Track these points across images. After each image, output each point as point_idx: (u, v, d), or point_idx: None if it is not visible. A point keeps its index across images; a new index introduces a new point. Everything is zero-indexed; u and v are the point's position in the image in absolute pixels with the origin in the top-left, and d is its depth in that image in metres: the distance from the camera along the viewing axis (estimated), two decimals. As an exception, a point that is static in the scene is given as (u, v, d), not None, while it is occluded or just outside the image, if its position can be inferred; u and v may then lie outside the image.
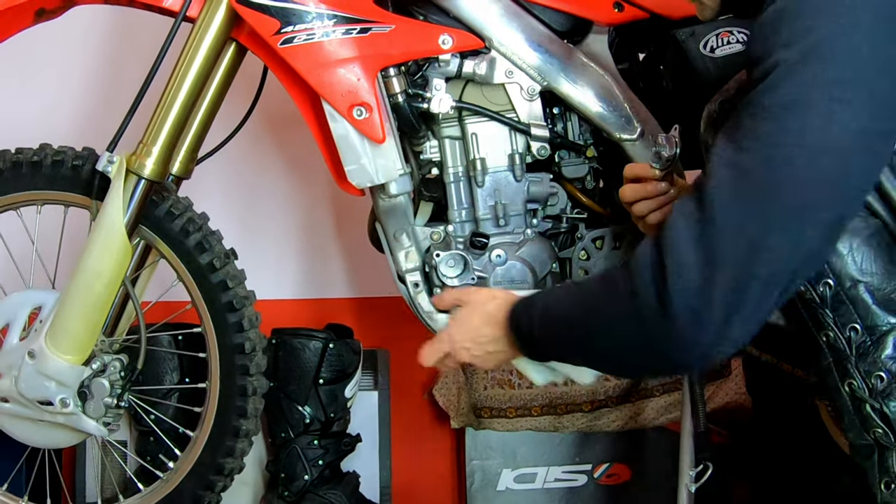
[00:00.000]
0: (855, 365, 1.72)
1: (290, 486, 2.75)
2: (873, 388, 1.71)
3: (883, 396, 1.70)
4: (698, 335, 1.55)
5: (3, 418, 2.37)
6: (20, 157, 2.38)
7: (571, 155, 2.35)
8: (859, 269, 1.71)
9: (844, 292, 1.72)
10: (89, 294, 2.27)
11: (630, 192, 2.06)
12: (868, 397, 1.71)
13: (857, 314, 1.72)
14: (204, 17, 2.26)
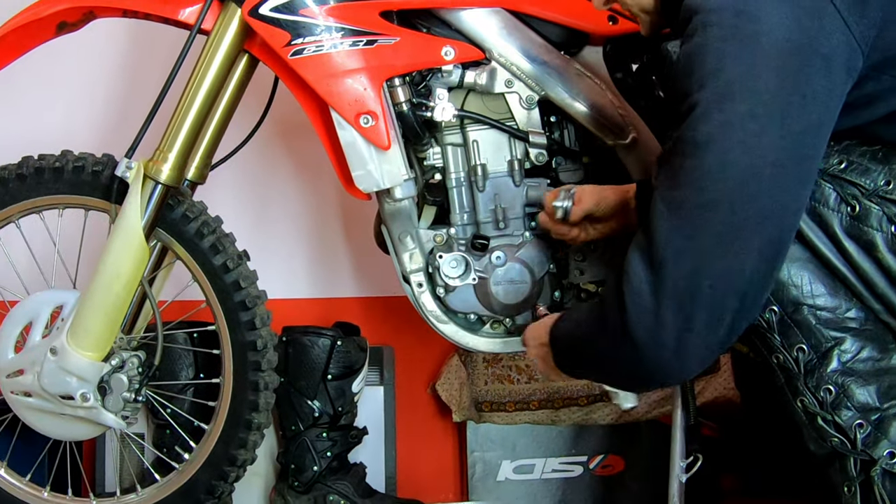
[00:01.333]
0: (804, 382, 1.78)
1: (300, 477, 2.75)
2: (823, 401, 1.75)
3: (833, 408, 1.74)
4: (658, 353, 1.63)
5: (27, 412, 2.37)
6: (43, 163, 2.38)
7: (568, 161, 2.34)
8: (801, 292, 1.76)
9: (789, 316, 1.77)
10: (109, 294, 2.28)
11: (542, 223, 2.21)
12: (820, 410, 1.76)
13: (802, 335, 1.76)
14: (218, 29, 2.26)
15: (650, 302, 1.61)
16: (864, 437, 1.72)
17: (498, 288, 2.31)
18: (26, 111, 3.20)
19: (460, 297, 2.35)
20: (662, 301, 1.60)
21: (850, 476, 1.74)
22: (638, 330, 1.63)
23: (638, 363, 1.67)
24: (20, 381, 2.35)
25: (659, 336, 1.62)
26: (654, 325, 1.61)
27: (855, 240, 1.72)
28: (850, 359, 1.74)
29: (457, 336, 2.39)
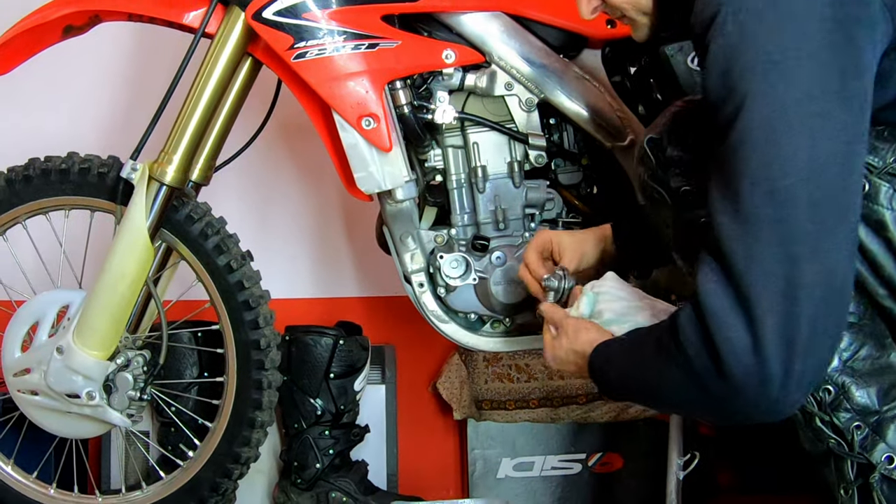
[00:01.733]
0: None
1: (303, 474, 2.75)
2: (822, 401, 1.68)
3: (832, 408, 1.68)
4: (764, 392, 1.45)
5: (33, 410, 2.38)
6: (49, 165, 2.38)
7: (567, 163, 2.35)
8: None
9: None
10: (114, 293, 2.28)
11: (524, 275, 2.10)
12: (817, 411, 1.69)
13: None
14: (222, 33, 2.27)
15: (744, 336, 1.43)
16: (862, 440, 1.66)
17: (498, 288, 2.31)
18: (33, 113, 3.20)
19: (461, 296, 2.35)
20: (760, 334, 1.42)
21: (846, 479, 1.69)
22: (737, 372, 1.44)
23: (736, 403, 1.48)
24: (27, 380, 2.35)
25: (764, 373, 1.43)
26: (756, 364, 1.43)
27: (864, 220, 1.59)
28: (850, 357, 1.67)
29: (457, 335, 2.40)
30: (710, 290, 1.47)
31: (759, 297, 1.43)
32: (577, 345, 1.83)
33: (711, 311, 1.46)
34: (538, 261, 2.07)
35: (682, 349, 1.51)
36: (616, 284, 1.93)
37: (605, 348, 1.77)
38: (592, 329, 1.83)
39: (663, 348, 1.56)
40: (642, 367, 1.63)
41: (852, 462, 1.68)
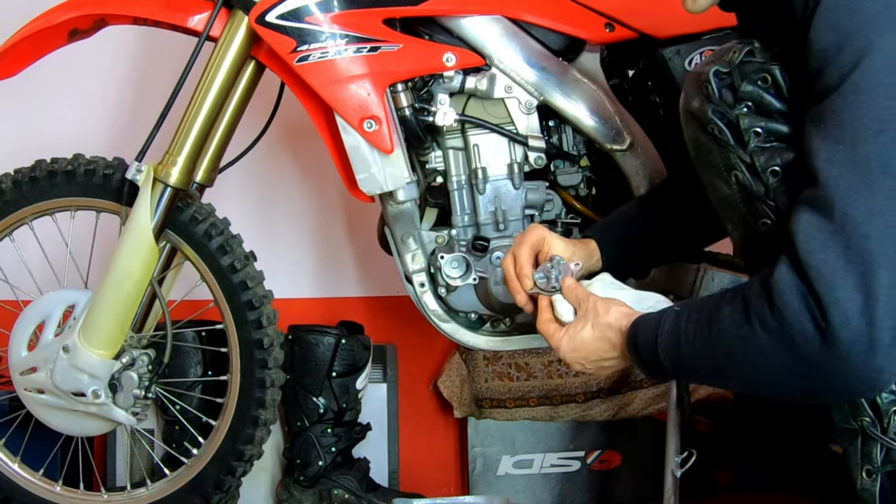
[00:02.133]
0: None
1: (306, 472, 2.75)
2: None
3: None
4: (867, 359, 1.36)
5: (40, 408, 2.38)
6: (55, 167, 2.38)
7: (566, 164, 2.35)
8: None
9: None
10: (119, 293, 2.28)
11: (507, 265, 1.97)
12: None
13: None
14: (225, 36, 2.27)
15: (856, 296, 1.35)
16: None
17: (498, 288, 2.31)
18: (39, 116, 3.20)
19: (461, 296, 2.35)
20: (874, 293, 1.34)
21: (873, 462, 1.61)
22: (844, 337, 1.36)
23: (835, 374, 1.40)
24: (33, 379, 2.35)
25: (872, 337, 1.35)
26: (866, 326, 1.35)
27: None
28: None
29: (458, 334, 2.40)
30: (816, 244, 1.39)
31: (877, 252, 1.35)
32: (609, 317, 1.74)
33: (818, 269, 1.38)
34: (530, 255, 1.95)
35: (778, 312, 1.42)
36: (614, 280, 1.91)
37: (650, 322, 1.67)
38: (624, 306, 1.76)
39: (752, 314, 1.46)
40: (714, 337, 1.53)
41: (882, 446, 1.61)
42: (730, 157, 1.65)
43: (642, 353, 1.67)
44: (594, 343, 1.76)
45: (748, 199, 1.62)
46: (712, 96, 1.65)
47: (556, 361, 2.95)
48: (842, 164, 1.39)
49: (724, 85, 1.64)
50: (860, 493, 1.65)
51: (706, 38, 2.31)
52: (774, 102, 1.60)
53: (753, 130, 1.61)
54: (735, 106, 1.63)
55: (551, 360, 2.96)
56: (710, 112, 1.65)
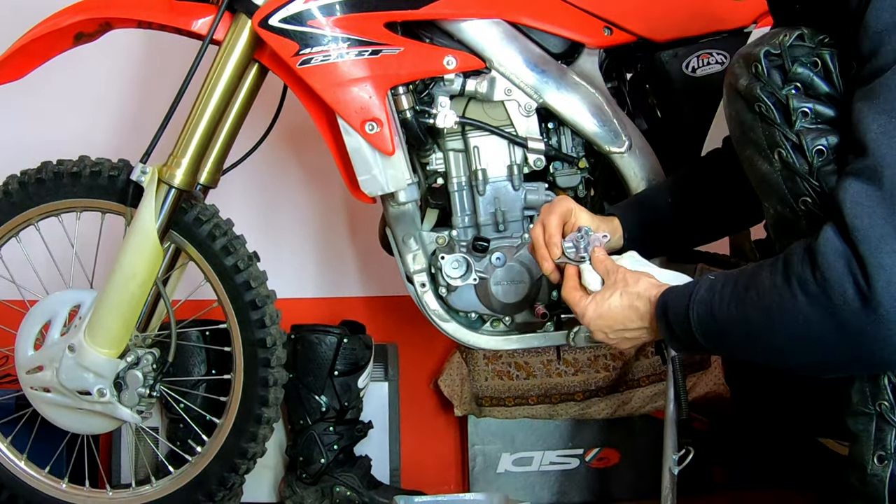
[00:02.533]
0: None
1: (308, 469, 2.75)
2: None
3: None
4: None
5: (46, 407, 2.38)
6: (61, 168, 2.38)
7: (565, 166, 2.35)
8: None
9: None
10: (124, 293, 2.28)
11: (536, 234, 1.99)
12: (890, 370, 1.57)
13: None
14: (229, 40, 2.27)
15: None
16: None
17: (498, 287, 2.31)
18: (45, 118, 3.20)
19: (462, 296, 2.35)
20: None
21: (887, 449, 1.59)
22: (887, 301, 1.36)
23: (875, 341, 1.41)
24: (39, 377, 2.35)
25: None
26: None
27: None
28: None
29: (458, 334, 2.39)
30: (863, 210, 1.40)
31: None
32: (638, 287, 1.76)
33: (864, 232, 1.39)
34: (559, 224, 1.96)
35: (820, 274, 1.43)
36: (641, 258, 1.91)
37: (681, 291, 1.69)
38: (653, 277, 1.78)
39: (792, 277, 1.47)
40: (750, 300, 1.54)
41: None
42: (775, 135, 1.65)
43: (672, 323, 1.68)
44: (621, 312, 1.78)
45: (790, 177, 1.63)
46: (762, 76, 1.66)
47: (556, 360, 2.95)
48: (893, 134, 1.42)
49: (773, 66, 1.65)
50: (869, 477, 1.63)
51: (703, 41, 2.32)
52: (823, 86, 1.61)
53: (802, 111, 1.62)
54: (784, 86, 1.64)
55: (550, 360, 2.96)
56: (759, 90, 1.66)
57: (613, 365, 2.95)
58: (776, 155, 1.65)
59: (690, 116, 2.30)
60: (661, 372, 2.90)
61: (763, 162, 1.69)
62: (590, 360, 2.96)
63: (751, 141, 1.71)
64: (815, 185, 1.61)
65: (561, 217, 1.98)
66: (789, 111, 1.63)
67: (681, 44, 2.32)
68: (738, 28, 2.30)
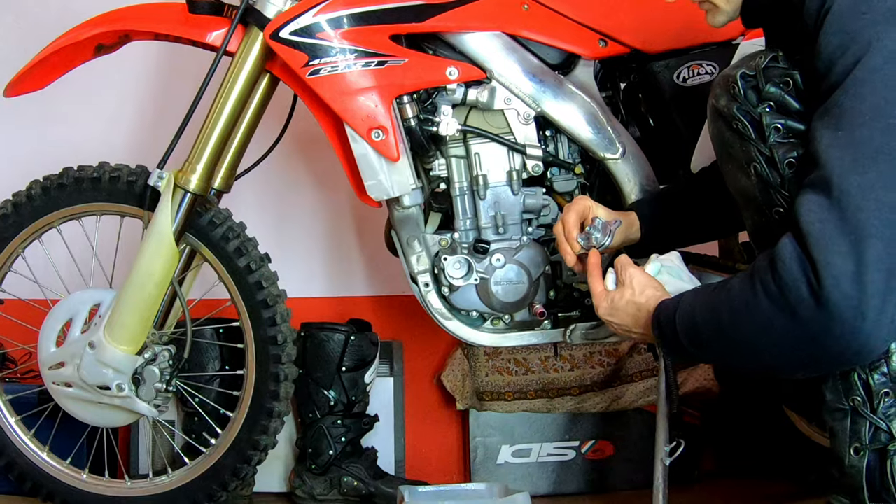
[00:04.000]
0: None
1: (317, 460, 2.75)
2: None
3: (871, 368, 1.61)
4: (857, 322, 1.42)
5: (67, 401, 2.38)
6: (82, 174, 2.38)
7: (562, 172, 2.34)
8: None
9: None
10: (142, 293, 2.28)
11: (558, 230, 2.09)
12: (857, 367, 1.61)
13: None
14: (242, 51, 2.27)
15: (848, 262, 1.41)
16: (887, 407, 1.61)
17: (498, 287, 2.31)
18: (67, 125, 3.20)
19: (463, 295, 2.35)
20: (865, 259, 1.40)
21: (861, 440, 1.63)
22: (835, 299, 1.41)
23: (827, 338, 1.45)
24: (61, 373, 2.35)
25: (861, 302, 1.40)
26: (856, 291, 1.40)
27: None
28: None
29: (460, 331, 2.39)
30: (814, 216, 1.45)
31: (868, 223, 1.41)
32: (641, 298, 1.84)
33: (816, 237, 1.44)
34: (576, 221, 2.07)
35: (779, 277, 1.48)
36: (680, 264, 1.96)
37: (672, 302, 1.75)
38: (660, 289, 1.84)
39: (755, 281, 1.52)
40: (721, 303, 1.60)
41: (871, 424, 1.63)
42: (750, 150, 1.69)
43: (665, 332, 1.74)
44: (626, 316, 1.87)
45: (765, 189, 1.66)
46: (738, 96, 1.71)
47: (553, 357, 2.95)
48: (841, 146, 1.46)
49: (749, 86, 1.70)
50: (847, 469, 1.66)
51: (693, 52, 2.32)
52: (794, 103, 1.65)
53: (774, 126, 1.66)
54: (759, 105, 1.68)
55: (548, 356, 2.96)
56: (736, 109, 1.71)
57: (608, 361, 2.95)
58: (752, 169, 1.70)
59: (681, 124, 2.29)
60: (654, 368, 2.90)
61: (742, 176, 1.73)
62: (585, 356, 2.96)
63: (731, 156, 1.76)
64: (786, 196, 1.65)
65: (578, 214, 2.08)
66: (763, 128, 1.67)
67: (672, 55, 2.32)
68: (727, 40, 2.30)
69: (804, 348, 1.50)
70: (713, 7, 1.80)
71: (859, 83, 1.46)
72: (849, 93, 1.47)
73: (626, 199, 2.29)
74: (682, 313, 1.70)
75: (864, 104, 1.45)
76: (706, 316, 1.64)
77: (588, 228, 2.04)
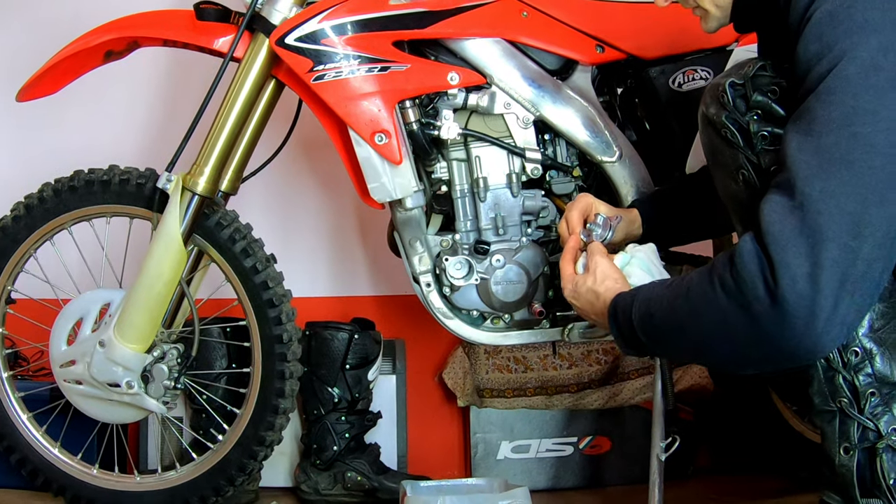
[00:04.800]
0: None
1: (322, 456, 2.75)
2: (848, 362, 1.65)
3: (855, 370, 1.64)
4: (810, 321, 1.42)
5: (78, 398, 2.38)
6: (92, 176, 2.38)
7: (560, 174, 2.34)
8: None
9: None
10: (151, 292, 2.28)
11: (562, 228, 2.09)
12: (842, 369, 1.65)
13: None
14: (248, 57, 2.27)
15: (805, 262, 1.42)
16: (873, 407, 1.63)
17: (498, 287, 2.31)
18: (78, 130, 3.20)
19: (464, 295, 2.35)
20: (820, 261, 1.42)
21: (850, 440, 1.65)
22: (790, 297, 1.42)
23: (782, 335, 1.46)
24: (72, 371, 2.35)
25: (815, 301, 1.41)
26: (810, 291, 1.41)
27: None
28: (881, 327, 1.64)
29: (461, 330, 2.39)
30: (776, 217, 1.46)
31: (826, 227, 1.42)
32: (600, 287, 1.84)
33: (775, 237, 1.45)
34: (579, 217, 2.07)
35: (737, 273, 1.49)
36: (652, 257, 1.95)
37: (628, 294, 1.75)
38: (621, 280, 1.84)
39: (714, 276, 1.53)
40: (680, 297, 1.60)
41: (858, 424, 1.65)
42: (739, 158, 1.70)
43: (621, 325, 1.74)
44: (586, 302, 1.88)
45: (752, 195, 1.65)
46: (727, 104, 1.71)
47: (552, 355, 2.95)
48: (807, 151, 1.46)
49: (738, 95, 1.70)
50: (838, 468, 1.68)
51: (688, 58, 2.32)
52: (780, 111, 1.65)
53: (761, 134, 1.66)
54: (746, 113, 1.68)
55: (546, 354, 2.96)
56: (725, 118, 1.71)
57: (605, 359, 2.95)
58: (740, 175, 1.70)
59: (676, 128, 2.30)
60: (650, 366, 2.90)
61: (730, 182, 1.74)
62: (583, 354, 2.96)
63: (720, 163, 1.76)
64: None
65: (581, 212, 2.08)
66: (750, 135, 1.68)
67: (668, 61, 2.32)
68: (721, 46, 2.30)
69: (758, 344, 1.51)
70: (705, 13, 1.81)
71: (831, 91, 1.47)
72: (821, 99, 1.48)
73: (623, 202, 2.29)
74: (639, 306, 1.70)
75: (834, 112, 1.46)
76: (663, 309, 1.64)
77: (589, 225, 2.04)
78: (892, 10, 1.47)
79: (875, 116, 1.44)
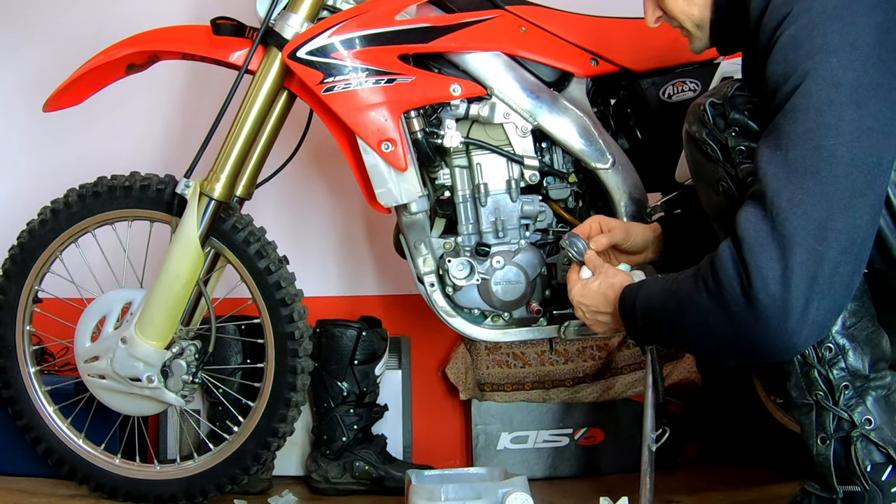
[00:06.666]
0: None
1: (331, 446, 2.75)
2: (822, 357, 1.68)
3: (830, 365, 1.67)
4: (782, 320, 1.47)
5: (101, 392, 2.38)
6: (115, 182, 2.38)
7: (556, 181, 2.34)
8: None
9: None
10: (170, 292, 2.28)
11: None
12: (817, 364, 1.68)
13: None
14: (262, 70, 2.27)
15: (776, 266, 1.46)
16: (847, 399, 1.67)
17: (498, 287, 2.31)
18: (101, 138, 3.21)
19: (466, 295, 2.35)
20: (790, 265, 1.46)
21: (826, 430, 1.68)
22: (763, 298, 1.47)
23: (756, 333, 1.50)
24: (96, 366, 2.35)
25: (786, 302, 1.46)
26: (782, 292, 1.46)
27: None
28: (853, 325, 1.67)
29: (463, 328, 2.39)
30: (750, 225, 1.51)
31: (794, 233, 1.46)
32: (614, 279, 1.89)
33: (749, 242, 1.50)
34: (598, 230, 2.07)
35: (717, 276, 1.53)
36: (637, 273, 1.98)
37: (636, 286, 1.81)
38: (627, 278, 1.89)
39: (699, 278, 1.58)
40: (673, 299, 1.65)
41: (834, 415, 1.68)
42: (719, 171, 1.73)
43: (627, 312, 1.80)
44: (597, 295, 1.91)
45: (732, 205, 1.67)
46: (708, 122, 1.74)
47: (549, 351, 2.95)
48: (776, 164, 1.51)
49: (717, 113, 1.74)
50: (815, 458, 1.71)
51: (678, 71, 2.32)
52: (755, 127, 1.68)
53: (738, 149, 1.69)
54: (725, 130, 1.72)
55: (544, 350, 2.96)
56: (705, 135, 1.75)
57: (599, 355, 2.95)
58: (720, 187, 1.73)
59: (666, 137, 2.29)
60: (641, 361, 2.90)
61: (712, 194, 1.77)
62: (578, 350, 2.96)
63: (702, 177, 1.80)
64: None
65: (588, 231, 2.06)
66: (729, 150, 1.71)
67: (658, 73, 2.32)
68: (708, 60, 2.30)
69: (735, 340, 1.55)
70: (689, 34, 1.85)
71: (796, 108, 1.51)
72: (787, 116, 1.52)
73: (616, 206, 2.29)
74: (642, 297, 1.76)
75: (799, 127, 1.50)
76: (660, 303, 1.70)
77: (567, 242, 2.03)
78: (850, 33, 1.50)
79: (837, 130, 1.48)
